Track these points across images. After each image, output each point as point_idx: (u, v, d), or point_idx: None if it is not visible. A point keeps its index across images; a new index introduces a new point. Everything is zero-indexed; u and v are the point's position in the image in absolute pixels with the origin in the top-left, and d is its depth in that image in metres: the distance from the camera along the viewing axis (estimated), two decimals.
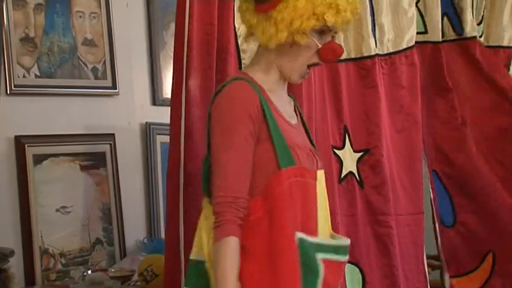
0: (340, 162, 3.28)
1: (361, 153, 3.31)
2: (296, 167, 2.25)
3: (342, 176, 3.26)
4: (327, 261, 2.28)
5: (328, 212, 2.44)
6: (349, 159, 3.29)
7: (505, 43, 3.87)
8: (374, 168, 3.33)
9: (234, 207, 2.20)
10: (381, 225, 3.33)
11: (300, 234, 2.22)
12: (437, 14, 3.58)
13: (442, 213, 3.63)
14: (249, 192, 2.23)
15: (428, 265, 3.87)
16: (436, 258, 3.86)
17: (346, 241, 2.43)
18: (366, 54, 3.35)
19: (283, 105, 2.38)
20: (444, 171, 3.63)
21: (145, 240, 4.15)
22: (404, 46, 3.48)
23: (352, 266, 3.23)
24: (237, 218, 2.21)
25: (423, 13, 3.57)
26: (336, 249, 2.35)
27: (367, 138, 3.33)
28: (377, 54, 3.38)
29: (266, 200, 2.22)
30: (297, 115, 2.49)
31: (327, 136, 3.19)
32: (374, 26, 3.39)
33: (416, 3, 3.54)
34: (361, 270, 3.27)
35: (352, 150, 3.31)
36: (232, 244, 2.18)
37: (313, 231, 2.28)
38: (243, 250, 2.21)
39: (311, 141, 2.51)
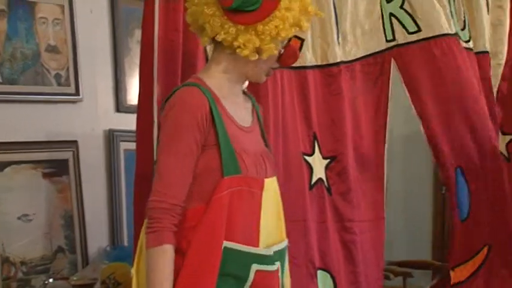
0: (311, 169, 3.29)
1: (328, 160, 3.33)
2: (240, 176, 2.21)
3: (312, 182, 3.28)
4: (259, 271, 2.27)
5: (280, 219, 2.42)
6: (319, 165, 3.31)
7: (487, 48, 3.89)
8: (340, 175, 3.36)
9: (170, 213, 2.18)
10: (347, 232, 3.36)
11: (227, 243, 2.20)
12: (431, 9, 3.52)
13: (461, 208, 3.63)
14: (192, 199, 2.22)
15: (391, 271, 3.90)
16: (399, 264, 3.89)
17: (278, 247, 2.37)
18: (331, 61, 3.36)
19: (236, 109, 2.34)
20: (468, 167, 3.61)
21: (108, 248, 4.13)
22: (369, 52, 3.49)
23: (325, 273, 3.25)
24: (172, 225, 2.19)
25: (411, 13, 3.52)
26: (266, 259, 2.31)
27: (334, 145, 3.36)
28: (342, 62, 3.40)
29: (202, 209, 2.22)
30: (253, 116, 2.44)
31: (297, 143, 3.21)
32: (338, 34, 3.42)
33: (401, 6, 3.53)
34: (332, 277, 3.30)
35: (321, 156, 3.33)
36: (168, 253, 2.17)
37: (254, 241, 2.25)
38: (177, 255, 2.20)
39: (266, 144, 2.47)
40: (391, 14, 3.50)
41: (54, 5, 4.06)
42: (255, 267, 2.25)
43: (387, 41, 3.53)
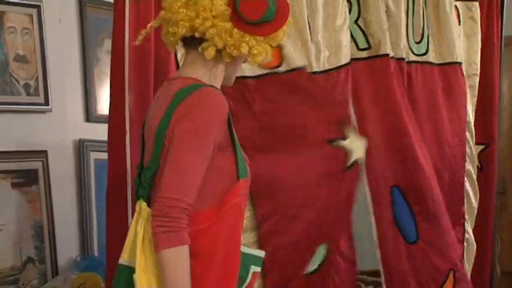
0: None
1: None
2: (247, 179, 2.27)
3: None
4: (255, 272, 2.37)
5: None
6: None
7: (458, 59, 3.95)
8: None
9: (186, 213, 2.14)
10: None
11: (243, 249, 2.30)
12: (382, 27, 3.60)
13: (406, 229, 3.62)
14: (204, 201, 2.20)
15: (362, 281, 3.91)
16: (370, 273, 3.90)
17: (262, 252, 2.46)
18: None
19: None
20: (406, 186, 3.61)
21: (78, 258, 4.11)
22: (341, 63, 3.51)
23: None
24: (187, 226, 2.15)
25: (364, 29, 3.59)
26: (259, 260, 2.41)
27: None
28: (314, 72, 3.42)
29: (220, 210, 2.21)
30: None
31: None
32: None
33: (356, 21, 3.59)
34: None
35: None
36: (187, 253, 2.14)
37: (250, 243, 2.45)
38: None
39: None
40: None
41: (22, 14, 4.05)
42: (252, 268, 2.34)
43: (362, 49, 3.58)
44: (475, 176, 4.10)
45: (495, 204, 4.29)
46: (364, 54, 3.55)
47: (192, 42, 2.32)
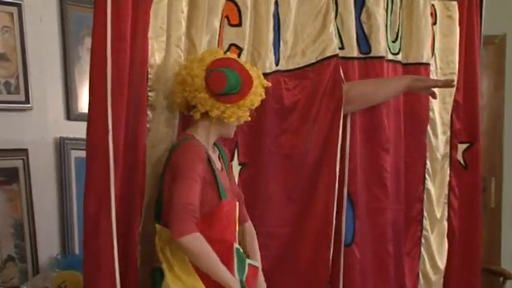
0: None
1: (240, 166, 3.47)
2: (228, 200, 3.02)
3: None
4: (250, 266, 3.07)
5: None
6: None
7: (424, 59, 3.97)
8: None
9: (193, 215, 2.85)
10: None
11: (236, 245, 3.03)
12: (352, 29, 3.67)
13: (347, 231, 3.65)
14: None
15: None
16: None
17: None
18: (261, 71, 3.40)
19: (214, 158, 3.07)
20: (353, 190, 3.67)
21: (58, 257, 4.11)
22: (311, 61, 3.56)
23: None
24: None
25: (339, 29, 3.65)
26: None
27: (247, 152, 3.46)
28: (278, 71, 3.46)
29: (209, 220, 2.94)
30: (220, 162, 3.13)
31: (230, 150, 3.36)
32: (279, 42, 3.47)
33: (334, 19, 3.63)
34: None
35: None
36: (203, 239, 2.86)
37: (235, 241, 3.06)
38: None
39: (230, 182, 3.16)
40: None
41: (3, 12, 4.04)
42: (248, 261, 3.08)
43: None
44: (443, 174, 4.15)
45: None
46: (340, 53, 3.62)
47: (192, 108, 3.04)
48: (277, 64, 3.46)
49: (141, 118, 2.97)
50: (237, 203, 3.13)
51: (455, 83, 3.90)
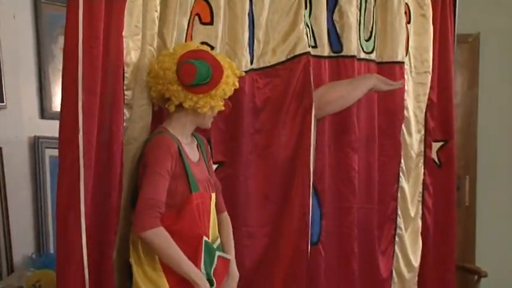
0: None
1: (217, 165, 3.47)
2: (200, 192, 3.04)
3: None
4: (220, 258, 3.10)
5: (216, 219, 3.17)
6: None
7: (399, 58, 3.99)
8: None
9: (157, 210, 2.91)
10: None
11: (205, 238, 3.04)
12: (324, 28, 3.69)
13: (313, 230, 3.65)
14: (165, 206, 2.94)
15: None
16: None
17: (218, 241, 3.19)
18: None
19: (190, 150, 3.10)
20: (320, 188, 3.69)
21: (33, 256, 4.10)
22: (281, 60, 3.56)
23: None
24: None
25: (313, 27, 3.66)
26: (219, 249, 3.14)
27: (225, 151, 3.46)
28: (252, 69, 3.47)
29: (179, 214, 2.98)
30: (198, 152, 3.17)
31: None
32: (253, 41, 3.48)
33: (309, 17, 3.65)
34: None
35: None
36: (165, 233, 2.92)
37: (208, 235, 3.07)
38: None
39: (208, 171, 3.20)
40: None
41: None
42: (217, 253, 3.10)
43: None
44: (417, 172, 4.17)
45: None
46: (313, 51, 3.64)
47: (167, 100, 3.09)
48: (251, 63, 3.47)
49: (118, 117, 2.97)
50: (213, 194, 3.14)
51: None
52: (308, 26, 3.63)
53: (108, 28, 2.90)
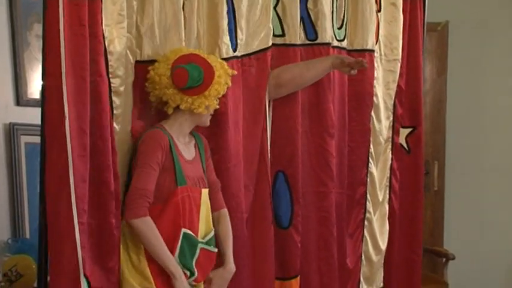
0: None
1: None
2: (187, 187, 3.17)
3: None
4: (203, 250, 3.20)
5: (209, 214, 3.29)
6: None
7: (369, 46, 4.04)
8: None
9: (146, 200, 3.06)
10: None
11: (184, 230, 3.14)
12: (296, 17, 3.72)
13: (281, 214, 3.72)
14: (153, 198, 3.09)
15: None
16: None
17: (209, 235, 3.29)
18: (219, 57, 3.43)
19: (184, 148, 3.25)
20: (290, 173, 3.73)
21: (9, 241, 4.13)
22: (256, 49, 3.61)
23: None
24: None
25: (281, 16, 3.71)
26: (208, 242, 3.25)
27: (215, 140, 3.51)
28: (235, 57, 3.51)
29: (164, 206, 3.12)
30: (195, 150, 3.30)
31: None
32: (236, 29, 3.51)
33: (275, 7, 3.68)
34: None
35: None
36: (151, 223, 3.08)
37: (196, 228, 3.19)
38: None
39: (204, 169, 3.31)
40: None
41: None
42: (200, 246, 3.19)
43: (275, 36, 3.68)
44: (385, 158, 4.24)
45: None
46: (278, 40, 3.68)
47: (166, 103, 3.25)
48: (234, 50, 3.51)
49: (104, 106, 3.00)
50: (204, 190, 3.25)
51: (366, 64, 3.78)
52: (277, 15, 3.66)
53: (91, 15, 2.90)
